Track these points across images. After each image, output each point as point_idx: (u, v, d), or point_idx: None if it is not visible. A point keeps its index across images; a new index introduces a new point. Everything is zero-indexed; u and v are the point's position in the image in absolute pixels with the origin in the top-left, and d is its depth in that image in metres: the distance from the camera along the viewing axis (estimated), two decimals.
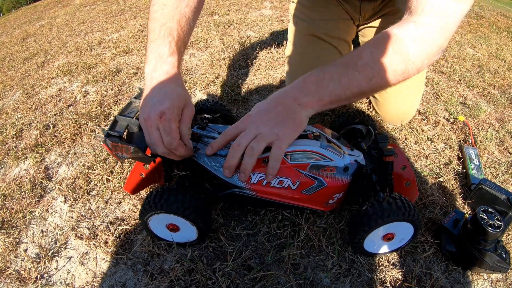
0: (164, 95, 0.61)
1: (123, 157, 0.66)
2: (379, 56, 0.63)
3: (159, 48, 0.65)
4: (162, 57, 0.65)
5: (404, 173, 0.79)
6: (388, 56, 0.64)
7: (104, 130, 0.65)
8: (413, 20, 0.65)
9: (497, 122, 1.28)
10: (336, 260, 0.72)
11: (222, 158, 0.70)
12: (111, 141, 0.63)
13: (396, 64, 0.64)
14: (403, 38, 0.64)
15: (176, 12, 0.68)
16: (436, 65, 1.70)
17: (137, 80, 1.54)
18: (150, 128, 0.60)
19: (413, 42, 0.64)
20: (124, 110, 0.71)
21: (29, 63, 2.04)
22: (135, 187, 0.80)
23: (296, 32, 1.16)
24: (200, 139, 0.74)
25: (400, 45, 0.64)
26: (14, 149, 1.16)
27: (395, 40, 0.64)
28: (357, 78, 0.64)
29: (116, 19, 2.68)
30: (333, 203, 0.75)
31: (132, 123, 0.68)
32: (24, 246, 0.80)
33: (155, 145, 0.60)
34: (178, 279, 0.68)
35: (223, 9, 2.52)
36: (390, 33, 0.65)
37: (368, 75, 0.64)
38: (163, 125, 0.59)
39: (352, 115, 0.87)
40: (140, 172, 0.79)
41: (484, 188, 0.83)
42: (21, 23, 3.79)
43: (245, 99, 1.32)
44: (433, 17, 0.63)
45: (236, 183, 0.70)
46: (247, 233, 0.78)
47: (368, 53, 0.65)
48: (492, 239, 0.68)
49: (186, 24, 0.70)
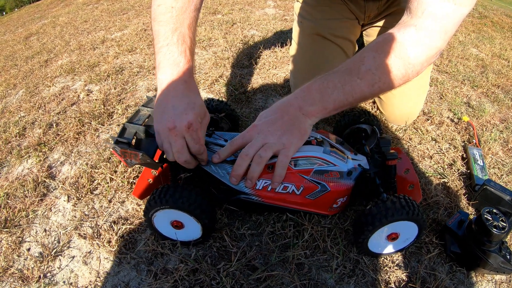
0: (187, 105, 0.62)
1: (132, 163, 0.68)
2: (381, 61, 0.64)
3: (173, 56, 0.64)
4: (179, 65, 0.64)
5: (408, 176, 0.80)
6: (390, 61, 0.64)
7: (113, 137, 0.67)
8: (413, 24, 0.65)
9: (501, 123, 1.27)
10: (340, 261, 0.72)
11: (228, 165, 0.71)
12: (120, 148, 0.65)
13: (397, 69, 0.65)
14: (403, 42, 0.65)
15: (186, 16, 0.67)
16: (440, 65, 1.69)
17: (140, 79, 1.54)
18: (175, 137, 0.61)
19: (414, 47, 0.64)
20: (133, 118, 0.74)
21: (32, 62, 2.04)
22: (143, 192, 0.81)
23: (300, 31, 1.16)
24: (207, 146, 0.75)
25: (401, 50, 0.64)
26: (17, 148, 1.16)
27: (396, 44, 0.65)
28: (360, 84, 0.65)
29: (119, 18, 2.68)
30: (337, 207, 0.76)
31: (140, 130, 0.70)
32: (27, 245, 0.80)
33: (179, 153, 0.62)
34: (182, 279, 0.68)
35: (227, 8, 2.51)
36: (391, 37, 0.66)
37: (371, 81, 0.65)
38: (190, 134, 0.61)
39: (357, 114, 0.87)
40: (148, 178, 0.81)
41: (489, 189, 0.83)
42: (24, 22, 3.80)
43: (249, 98, 1.32)
44: (433, 21, 0.63)
45: (242, 189, 0.71)
46: (251, 233, 0.77)
47: (370, 58, 0.65)
48: (497, 240, 0.67)
49: (195, 28, 0.71)
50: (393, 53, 0.64)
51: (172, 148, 0.62)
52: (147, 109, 0.76)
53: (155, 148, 0.69)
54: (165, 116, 0.62)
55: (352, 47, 1.19)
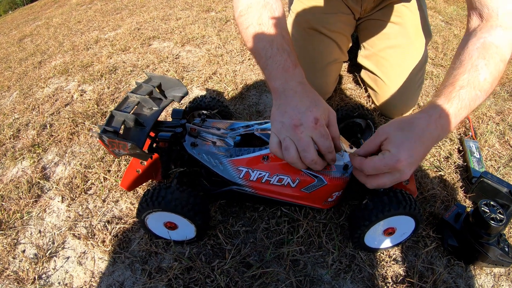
0: (310, 103, 0.61)
1: (120, 154, 0.65)
2: (492, 68, 0.63)
3: (280, 64, 0.65)
4: (288, 70, 0.64)
5: None
6: (497, 66, 0.63)
7: (100, 126, 0.63)
8: (498, 25, 0.65)
9: (497, 115, 1.26)
10: (336, 256, 0.71)
11: (221, 155, 0.69)
12: (107, 137, 0.62)
13: (502, 72, 0.65)
14: (500, 45, 0.64)
15: (276, 28, 0.69)
16: (435, 58, 1.68)
17: (134, 78, 1.53)
18: (300, 134, 0.58)
19: (508, 47, 0.65)
20: (121, 105, 0.70)
21: (26, 64, 2.03)
22: (132, 184, 0.79)
23: (295, 26, 1.15)
24: (199, 134, 0.74)
25: (502, 53, 0.64)
26: (11, 150, 1.15)
27: (497, 49, 0.64)
28: (481, 98, 0.63)
29: (113, 18, 2.66)
30: (332, 201, 0.74)
31: (129, 119, 0.67)
32: (22, 247, 0.80)
33: (305, 152, 0.58)
34: (176, 278, 0.67)
35: (220, 6, 2.50)
36: (487, 42, 0.65)
37: (487, 91, 0.63)
38: (319, 130, 0.59)
39: (351, 109, 0.86)
40: (137, 169, 0.78)
41: (486, 181, 0.82)
42: (18, 23, 3.77)
43: (242, 95, 1.31)
44: (511, 17, 0.65)
45: (235, 180, 0.69)
46: (245, 230, 0.77)
47: (483, 66, 0.63)
48: (495, 232, 0.67)
49: (286, 31, 0.71)
50: (498, 57, 0.63)
51: (298, 147, 0.59)
52: (135, 95, 0.73)
53: (145, 138, 0.67)
54: (286, 116, 0.60)
55: (346, 42, 1.18)
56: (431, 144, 0.59)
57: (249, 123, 0.78)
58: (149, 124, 0.69)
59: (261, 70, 0.70)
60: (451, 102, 0.60)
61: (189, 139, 0.73)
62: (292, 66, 0.65)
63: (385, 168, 0.55)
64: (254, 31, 0.69)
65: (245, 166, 0.69)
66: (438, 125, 0.58)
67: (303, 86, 0.64)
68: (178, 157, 0.73)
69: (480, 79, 0.61)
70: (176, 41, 1.86)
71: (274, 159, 0.68)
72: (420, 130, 0.57)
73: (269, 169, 0.69)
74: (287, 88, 0.63)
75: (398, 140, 0.56)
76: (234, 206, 0.82)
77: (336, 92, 1.30)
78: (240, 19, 0.72)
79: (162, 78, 0.78)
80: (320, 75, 1.12)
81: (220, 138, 0.74)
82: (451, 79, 0.63)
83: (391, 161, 0.54)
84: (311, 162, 0.59)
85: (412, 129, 0.57)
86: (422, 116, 0.59)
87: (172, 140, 0.71)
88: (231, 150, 0.70)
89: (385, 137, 0.58)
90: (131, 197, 0.87)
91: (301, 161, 0.60)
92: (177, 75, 1.49)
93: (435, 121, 0.58)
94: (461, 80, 0.61)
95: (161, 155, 0.73)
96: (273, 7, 0.71)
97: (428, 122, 0.58)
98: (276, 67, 0.65)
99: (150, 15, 2.48)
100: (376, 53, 1.13)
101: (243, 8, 0.72)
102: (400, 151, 0.55)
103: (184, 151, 0.72)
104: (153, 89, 0.75)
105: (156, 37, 1.99)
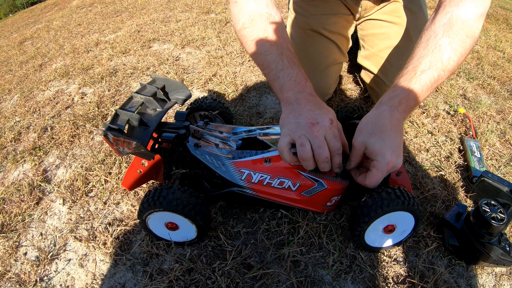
0: (322, 110, 0.64)
1: (124, 152, 0.65)
2: (457, 46, 0.64)
3: (293, 77, 0.68)
4: (301, 83, 0.68)
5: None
6: (464, 43, 0.64)
7: (105, 124, 0.64)
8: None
9: (498, 114, 1.26)
10: (337, 257, 0.71)
11: (224, 157, 0.70)
12: (112, 135, 0.63)
13: (470, 48, 0.66)
14: (468, 20, 0.64)
15: (282, 41, 0.72)
16: None
17: (134, 80, 1.53)
18: (316, 132, 0.60)
19: (477, 21, 0.65)
20: (125, 105, 0.71)
21: (27, 67, 2.04)
22: (133, 183, 0.79)
23: (295, 27, 1.15)
24: (202, 136, 0.74)
25: (469, 28, 0.64)
26: (12, 153, 1.15)
27: (464, 24, 0.64)
28: (444, 77, 0.65)
29: (113, 20, 2.67)
30: (331, 206, 0.75)
31: (133, 118, 0.68)
32: (23, 249, 0.80)
33: (321, 148, 0.60)
34: (178, 279, 0.67)
35: (220, 7, 2.51)
36: (455, 16, 0.65)
37: (453, 69, 0.65)
38: (332, 131, 0.62)
39: (351, 110, 0.86)
40: (138, 169, 0.79)
41: (486, 181, 0.82)
42: (18, 27, 3.79)
43: (242, 96, 1.31)
44: None
45: (237, 181, 0.70)
46: (246, 231, 0.77)
47: (447, 44, 0.64)
48: (496, 232, 0.67)
49: (292, 46, 0.74)
50: (464, 33, 0.64)
51: (313, 144, 0.60)
52: (140, 96, 0.74)
53: (149, 137, 0.67)
54: (302, 117, 0.62)
55: (346, 43, 1.18)
56: (402, 125, 0.63)
57: (251, 128, 0.79)
58: (153, 125, 0.70)
59: (269, 81, 0.72)
60: (411, 87, 0.63)
61: (192, 140, 0.74)
62: (304, 80, 0.68)
63: (384, 174, 0.60)
64: (260, 44, 0.71)
65: (247, 168, 0.69)
66: (400, 110, 0.62)
67: (314, 97, 0.67)
68: (180, 158, 0.74)
69: (443, 59, 0.63)
70: (176, 43, 1.87)
71: (276, 162, 0.69)
72: (387, 123, 0.61)
73: (270, 171, 0.69)
74: (300, 97, 0.66)
75: (376, 146, 0.60)
76: (234, 207, 0.82)
77: (336, 92, 1.30)
78: (244, 31, 0.74)
79: (166, 80, 0.79)
80: (320, 77, 1.13)
81: (223, 141, 0.75)
82: (415, 62, 0.65)
83: (385, 168, 0.59)
84: (325, 160, 0.61)
85: (380, 128, 0.61)
86: (384, 110, 0.63)
87: (176, 141, 0.71)
88: (234, 153, 0.71)
89: (364, 147, 0.62)
90: (132, 199, 0.87)
91: (313, 159, 0.61)
92: (177, 77, 1.49)
93: (396, 107, 0.62)
94: (423, 63, 0.64)
95: (164, 156, 0.73)
96: (275, 20, 0.74)
97: (391, 112, 0.62)
98: (289, 79, 0.68)
99: (150, 17, 2.48)
100: (376, 53, 1.13)
101: (246, 20, 0.73)
102: (384, 154, 0.59)
103: (187, 152, 0.72)
104: (157, 90, 0.76)
105: (156, 39, 2.00)
